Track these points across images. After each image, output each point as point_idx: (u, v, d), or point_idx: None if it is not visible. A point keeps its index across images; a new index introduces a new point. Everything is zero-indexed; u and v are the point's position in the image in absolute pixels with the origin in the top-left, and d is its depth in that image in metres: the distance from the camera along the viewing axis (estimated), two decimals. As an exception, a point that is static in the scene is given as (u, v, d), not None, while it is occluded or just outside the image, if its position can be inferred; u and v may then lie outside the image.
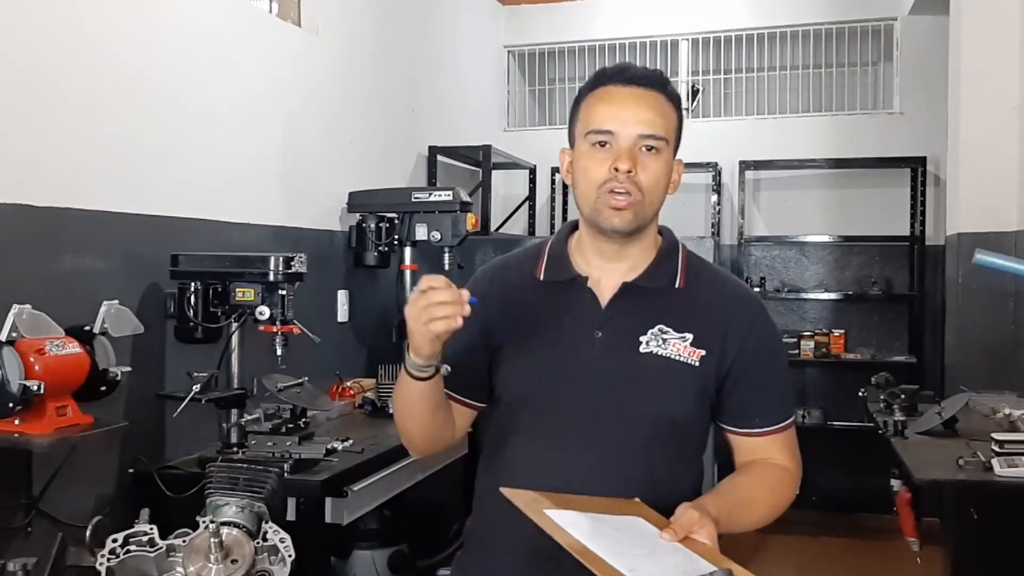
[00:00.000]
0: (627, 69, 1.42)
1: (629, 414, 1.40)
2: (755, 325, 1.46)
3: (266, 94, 3.54)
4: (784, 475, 1.50)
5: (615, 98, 1.40)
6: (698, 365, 1.41)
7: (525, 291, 1.48)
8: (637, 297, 1.43)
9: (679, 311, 1.43)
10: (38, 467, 2.39)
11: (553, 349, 1.43)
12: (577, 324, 1.43)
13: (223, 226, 3.21)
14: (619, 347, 1.41)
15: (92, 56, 2.65)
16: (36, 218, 2.45)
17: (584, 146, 1.40)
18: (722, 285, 1.50)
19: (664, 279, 1.46)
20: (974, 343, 3.98)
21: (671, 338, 1.41)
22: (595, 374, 1.40)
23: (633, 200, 1.37)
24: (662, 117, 1.40)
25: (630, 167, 1.36)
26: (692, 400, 1.42)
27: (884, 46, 5.40)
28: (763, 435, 1.48)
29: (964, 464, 2.54)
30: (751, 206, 5.43)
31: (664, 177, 1.41)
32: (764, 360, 1.46)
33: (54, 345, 2.23)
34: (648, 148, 1.38)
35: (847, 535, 4.94)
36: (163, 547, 1.70)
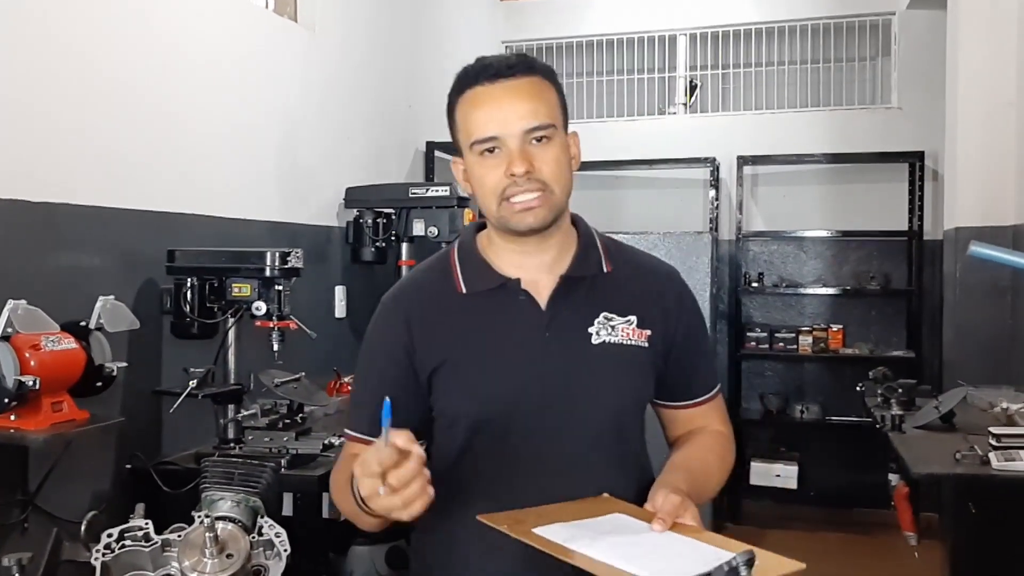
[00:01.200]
0: (489, 65, 1.34)
1: (597, 408, 1.37)
2: (683, 297, 1.47)
3: (263, 90, 3.53)
4: (724, 439, 1.51)
5: (488, 99, 1.32)
6: (647, 346, 1.40)
7: (450, 310, 1.39)
8: (574, 289, 1.39)
9: (616, 295, 1.40)
10: (34, 463, 2.38)
11: (501, 363, 1.35)
12: (520, 331, 1.36)
13: (219, 221, 3.21)
14: (570, 344, 1.36)
15: (88, 51, 2.64)
16: (31, 213, 2.44)
17: (473, 156, 1.34)
18: (643, 263, 1.49)
19: (593, 266, 1.42)
20: (972, 338, 3.98)
21: (618, 323, 1.38)
22: (553, 377, 1.34)
23: (541, 196, 1.32)
24: (543, 103, 1.33)
25: (526, 168, 1.30)
26: (649, 381, 1.42)
27: (882, 41, 5.39)
28: (702, 404, 1.49)
29: (961, 458, 2.53)
30: (749, 201, 5.42)
31: (564, 162, 1.35)
32: (695, 330, 1.48)
33: (49, 340, 2.23)
34: (538, 140, 1.32)
35: (845, 530, 4.94)
36: (158, 542, 1.70)
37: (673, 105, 5.72)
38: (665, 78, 5.74)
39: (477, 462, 1.37)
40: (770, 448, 5.33)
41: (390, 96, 4.52)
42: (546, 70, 1.38)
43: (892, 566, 4.28)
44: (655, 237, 4.08)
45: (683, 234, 4.13)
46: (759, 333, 5.24)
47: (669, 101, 5.74)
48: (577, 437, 1.36)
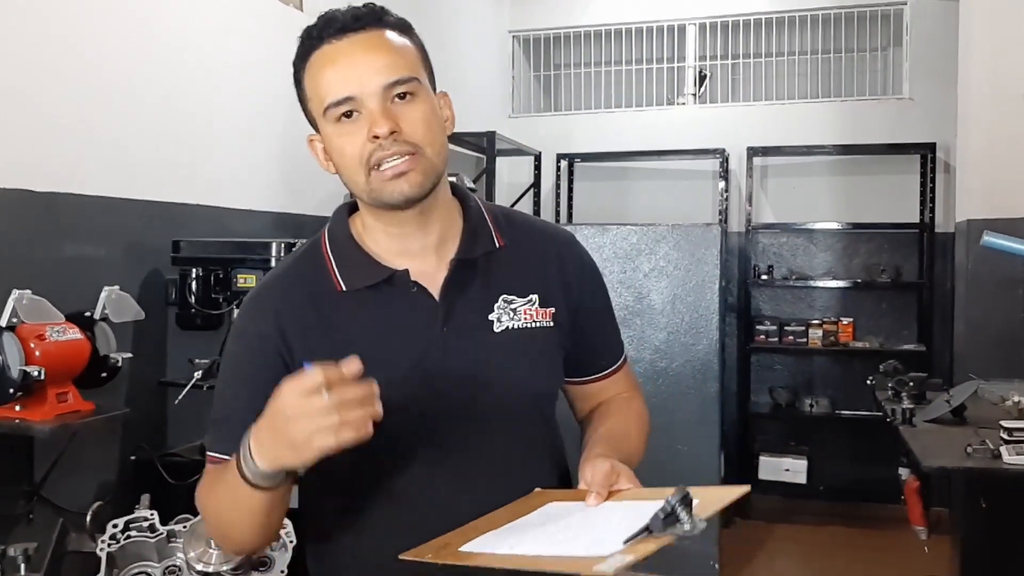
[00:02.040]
0: (333, 19, 1.18)
1: (507, 400, 1.22)
2: (583, 264, 1.34)
3: (267, 79, 3.51)
4: (635, 402, 1.39)
5: (337, 56, 1.16)
6: (553, 324, 1.26)
7: (330, 311, 1.19)
8: (467, 273, 1.22)
9: (513, 273, 1.25)
10: (39, 454, 2.38)
11: (396, 364, 1.16)
12: (414, 326, 1.19)
13: (224, 212, 3.20)
14: (471, 335, 1.21)
15: (92, 42, 2.63)
16: (36, 203, 2.43)
17: (329, 126, 1.17)
18: (537, 231, 1.33)
19: (485, 243, 1.25)
20: (984, 331, 3.94)
21: (519, 305, 1.24)
22: (456, 374, 1.19)
23: (413, 159, 1.13)
24: (401, 56, 1.16)
25: (391, 127, 1.12)
26: (556, 363, 1.29)
27: (894, 31, 5.35)
28: (612, 374, 1.38)
29: (972, 452, 2.51)
30: (759, 193, 5.39)
31: (435, 120, 1.17)
32: (599, 299, 1.36)
33: (55, 331, 2.22)
34: (401, 96, 1.14)
35: (854, 525, 4.92)
36: (164, 533, 1.69)
37: (682, 95, 5.68)
38: (674, 68, 5.70)
39: (381, 480, 1.18)
40: (779, 442, 5.30)
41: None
42: (401, 23, 1.21)
43: (902, 560, 4.26)
44: (663, 229, 4.05)
45: (692, 226, 4.09)
46: (768, 326, 5.21)
47: (678, 91, 5.70)
48: (493, 435, 1.21)
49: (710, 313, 3.98)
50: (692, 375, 3.97)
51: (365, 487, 1.19)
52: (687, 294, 4.00)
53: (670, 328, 3.99)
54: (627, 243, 4.03)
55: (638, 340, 4.04)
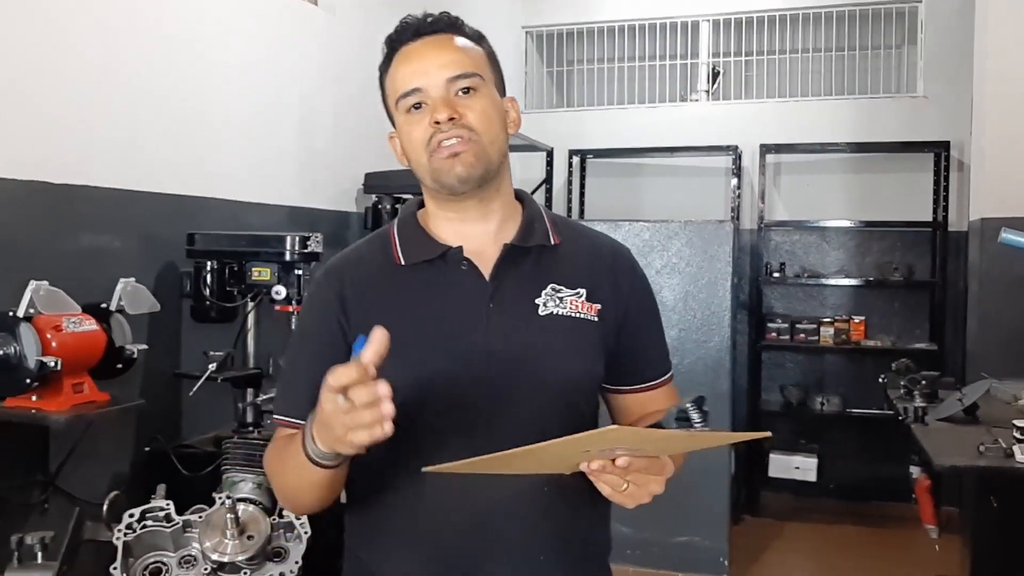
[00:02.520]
0: (410, 24, 1.30)
1: (542, 381, 1.27)
2: (636, 274, 1.39)
3: (283, 73, 3.53)
4: None
5: (411, 56, 1.28)
6: (597, 320, 1.31)
7: (387, 282, 1.30)
8: (519, 259, 1.30)
9: (564, 267, 1.32)
10: (55, 444, 2.40)
11: (442, 335, 1.26)
12: (463, 301, 1.27)
13: (239, 205, 3.21)
14: (516, 314, 1.27)
15: (109, 34, 2.65)
16: (53, 195, 2.45)
17: (401, 116, 1.28)
18: (594, 237, 1.41)
19: (539, 236, 1.33)
20: (996, 330, 3.93)
21: (566, 295, 1.30)
22: (497, 349, 1.25)
23: (465, 141, 1.23)
24: (466, 55, 1.28)
25: (450, 114, 1.23)
26: (599, 356, 1.33)
27: (908, 28, 5.32)
28: (653, 388, 1.40)
29: (984, 451, 2.50)
30: (771, 190, 5.37)
31: (494, 114, 1.27)
32: (647, 310, 1.40)
33: (71, 322, 2.24)
34: (464, 91, 1.25)
35: (865, 523, 4.90)
36: (179, 523, 1.71)
37: (695, 92, 5.67)
38: (687, 64, 5.69)
39: (419, 440, 1.23)
40: (790, 440, 5.29)
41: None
42: (475, 32, 1.34)
43: (912, 560, 4.25)
44: (676, 225, 4.05)
45: (704, 223, 4.09)
46: (780, 324, 5.20)
47: (691, 88, 5.69)
48: (524, 412, 1.25)
49: (722, 310, 3.98)
50: (703, 372, 3.97)
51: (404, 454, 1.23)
52: (699, 291, 4.00)
53: (682, 325, 4.00)
54: (639, 239, 4.03)
55: (649, 336, 4.04)
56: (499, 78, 1.34)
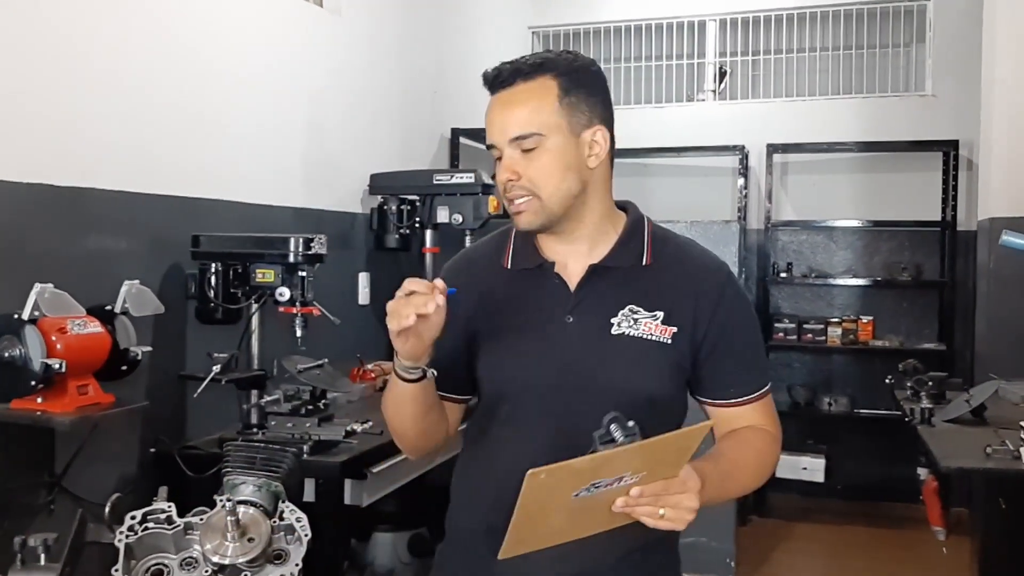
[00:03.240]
0: (490, 76, 1.42)
1: (597, 394, 1.36)
2: (724, 295, 1.45)
3: (288, 75, 3.53)
4: (767, 436, 1.47)
5: (490, 111, 1.41)
6: (670, 342, 1.40)
7: (495, 281, 1.48)
8: (605, 278, 1.43)
9: (648, 289, 1.43)
10: (60, 446, 2.41)
11: (526, 336, 1.43)
12: (548, 310, 1.43)
13: (244, 207, 3.22)
14: (591, 330, 1.41)
15: (114, 36, 2.65)
16: (58, 198, 2.46)
17: None
18: (689, 258, 1.49)
19: (631, 257, 1.45)
20: (1005, 330, 3.91)
21: (642, 318, 1.41)
22: (568, 359, 1.40)
23: (527, 201, 1.39)
24: (531, 111, 1.37)
25: (509, 176, 1.38)
26: (667, 377, 1.42)
27: (917, 27, 5.30)
28: (740, 404, 1.46)
29: (992, 452, 2.49)
30: (779, 190, 5.36)
31: (557, 166, 1.38)
32: (734, 329, 1.45)
33: (76, 324, 2.25)
34: (526, 150, 1.38)
35: (872, 524, 4.89)
36: (181, 525, 1.70)
37: (702, 92, 5.65)
38: (694, 64, 5.68)
39: (499, 427, 1.45)
40: (797, 440, 5.27)
41: (415, 82, 4.51)
42: (555, 67, 1.39)
43: (920, 561, 4.23)
44: (682, 226, 4.04)
45: (711, 223, 4.09)
46: (787, 324, 5.19)
47: (698, 88, 5.68)
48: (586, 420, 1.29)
49: (728, 311, 3.97)
50: (710, 373, 3.96)
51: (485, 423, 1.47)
52: (705, 291, 3.99)
53: (688, 325, 3.99)
54: (645, 240, 4.02)
55: (655, 337, 4.03)
56: (581, 114, 1.40)
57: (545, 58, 1.41)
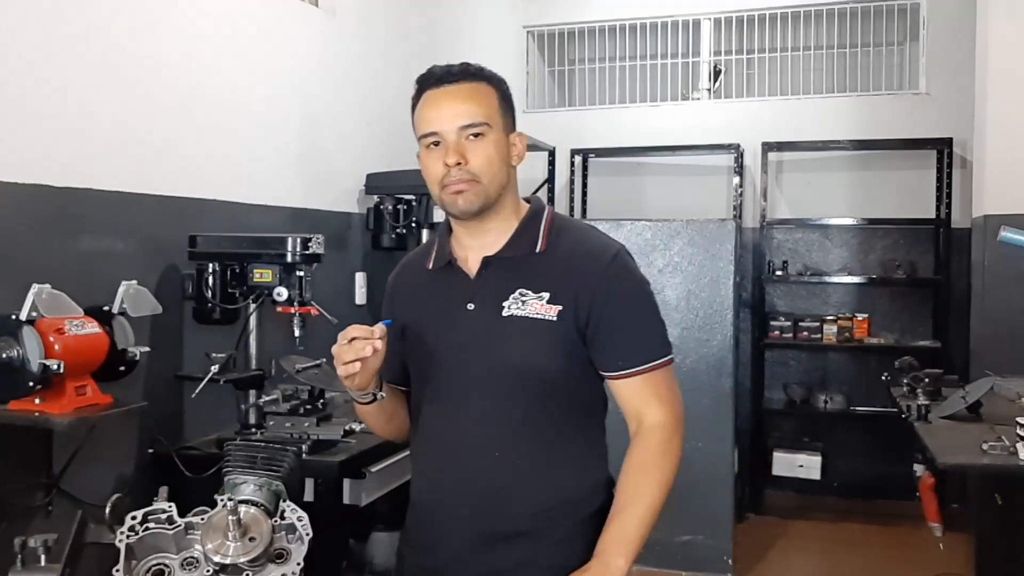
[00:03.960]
0: (436, 72, 1.59)
1: (495, 370, 1.57)
2: (607, 272, 1.58)
3: (284, 75, 3.53)
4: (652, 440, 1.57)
5: (433, 101, 1.57)
6: (556, 319, 1.55)
7: (419, 281, 1.70)
8: (500, 267, 1.60)
9: (537, 274, 1.59)
10: (58, 446, 2.41)
11: (438, 325, 1.62)
12: (454, 300, 1.61)
13: (241, 207, 3.21)
14: (486, 314, 1.58)
15: (109, 38, 2.65)
16: (55, 199, 2.46)
17: (422, 148, 1.59)
18: (582, 243, 1.63)
19: (525, 247, 1.61)
20: (1000, 327, 3.92)
21: (530, 299, 1.57)
22: (468, 341, 1.58)
23: (468, 183, 1.53)
24: (478, 104, 1.55)
25: (457, 159, 1.53)
26: (553, 352, 1.57)
27: (910, 25, 5.31)
28: (631, 375, 1.58)
29: (988, 449, 2.50)
30: (774, 188, 5.37)
31: (496, 156, 1.56)
32: (618, 304, 1.58)
33: (73, 325, 2.24)
34: (474, 136, 1.54)
35: (869, 521, 4.90)
36: (181, 525, 1.70)
37: (697, 90, 5.66)
38: (689, 63, 5.68)
39: (425, 405, 1.65)
40: (793, 438, 5.29)
41: (411, 81, 4.50)
42: (493, 77, 1.61)
43: (917, 557, 4.24)
44: (678, 224, 4.05)
45: (706, 221, 4.09)
46: (783, 322, 5.19)
47: (693, 86, 5.68)
48: (487, 391, 1.58)
49: (724, 309, 3.98)
50: (706, 371, 3.97)
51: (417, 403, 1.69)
52: (701, 290, 4.00)
53: (684, 324, 3.99)
54: (641, 238, 4.03)
55: (652, 335, 4.03)
56: (509, 118, 1.61)
57: (480, 68, 1.61)
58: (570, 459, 1.61)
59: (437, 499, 1.64)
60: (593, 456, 1.64)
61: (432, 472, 1.65)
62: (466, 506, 1.59)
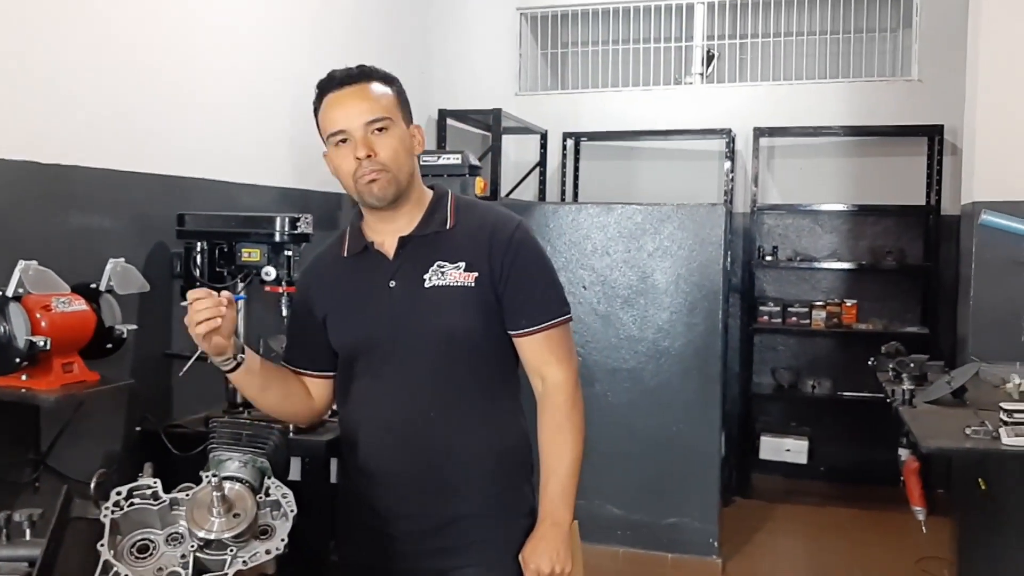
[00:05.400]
0: (335, 76, 1.73)
1: (425, 337, 1.71)
2: (512, 239, 1.74)
3: (274, 54, 3.51)
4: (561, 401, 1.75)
5: (337, 102, 1.70)
6: (474, 285, 1.71)
7: (335, 268, 1.82)
8: (416, 246, 1.74)
9: (451, 247, 1.74)
10: (45, 423, 2.41)
11: (363, 304, 1.75)
12: (375, 280, 1.74)
13: (230, 186, 3.21)
14: (409, 287, 1.72)
15: (100, 15, 2.63)
16: (43, 175, 2.45)
17: (331, 147, 1.72)
18: (488, 217, 1.78)
19: (436, 224, 1.76)
20: (988, 314, 3.94)
21: (448, 269, 1.72)
22: (393, 314, 1.72)
23: (380, 173, 1.67)
24: (378, 102, 1.70)
25: (367, 152, 1.66)
26: (475, 314, 1.72)
27: (903, 12, 5.31)
28: (533, 333, 1.75)
29: (972, 433, 2.52)
30: (765, 174, 5.38)
31: (401, 147, 1.70)
32: (522, 268, 1.74)
33: (60, 302, 2.24)
34: (378, 130, 1.68)
35: (855, 505, 4.94)
36: (166, 500, 1.71)
37: (689, 75, 5.65)
38: (682, 47, 5.68)
39: (357, 380, 1.78)
40: (781, 422, 5.32)
41: (403, 62, 4.48)
42: (386, 76, 1.74)
43: (901, 541, 4.28)
44: (668, 208, 4.05)
45: (697, 206, 4.08)
46: (772, 307, 5.22)
47: (685, 71, 5.67)
48: (419, 361, 1.72)
49: (713, 293, 3.99)
50: (695, 355, 3.98)
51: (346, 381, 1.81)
52: (691, 274, 4.01)
53: (673, 308, 4.00)
54: (632, 222, 4.03)
55: (641, 319, 4.04)
56: (407, 112, 1.76)
57: (375, 68, 1.74)
58: (499, 412, 1.78)
59: (378, 465, 1.76)
60: (516, 408, 1.81)
61: (372, 440, 1.76)
62: (409, 464, 1.73)
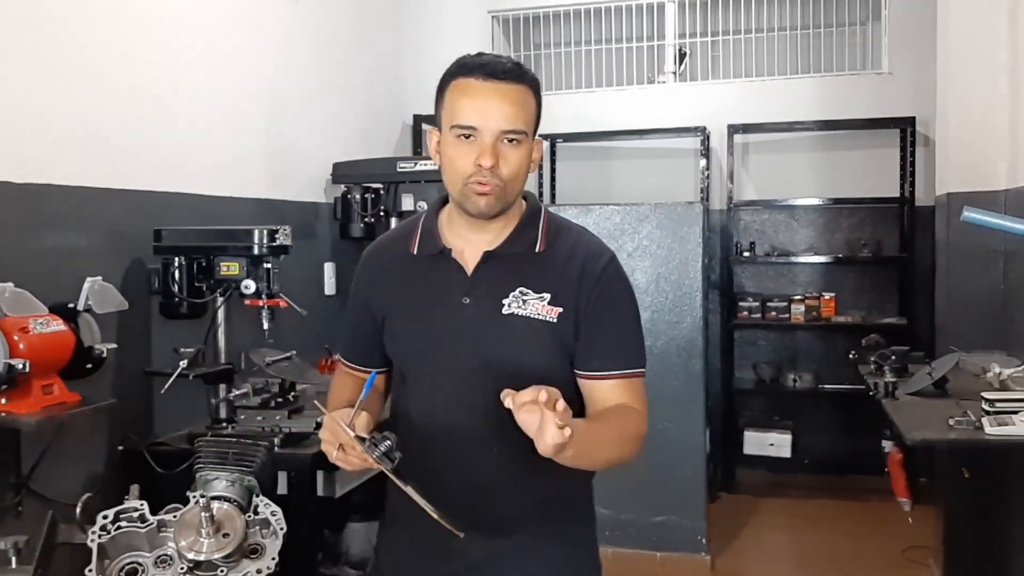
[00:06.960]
0: (488, 64, 1.49)
1: (491, 366, 1.52)
2: (603, 276, 1.57)
3: (246, 64, 3.49)
4: (631, 414, 1.55)
5: (478, 93, 1.47)
6: (556, 321, 1.54)
7: (400, 266, 1.63)
8: (499, 264, 1.57)
9: (538, 273, 1.56)
10: (26, 446, 2.38)
11: (427, 315, 1.58)
12: (447, 292, 1.57)
13: (206, 200, 3.18)
14: (484, 310, 1.55)
15: (71, 31, 2.60)
16: (16, 195, 2.41)
17: (450, 136, 1.49)
18: (579, 245, 1.60)
19: (525, 244, 1.58)
20: (964, 303, 3.98)
21: (531, 299, 1.54)
22: (464, 335, 1.54)
23: (496, 187, 1.48)
24: (523, 110, 1.49)
25: (492, 163, 1.46)
26: (552, 353, 1.55)
27: (872, 5, 5.35)
28: (603, 379, 1.56)
29: (954, 424, 2.54)
30: (740, 170, 5.40)
31: (524, 165, 1.51)
32: (607, 307, 1.57)
33: (38, 323, 2.21)
34: (510, 140, 1.48)
35: (839, 497, 4.97)
36: (154, 523, 1.69)
37: (662, 74, 5.67)
38: (654, 46, 5.69)
39: (410, 394, 1.62)
40: (763, 417, 5.35)
41: (376, 69, 4.47)
42: (533, 81, 1.53)
43: (887, 531, 4.32)
44: (646, 208, 4.06)
45: (674, 205, 4.10)
46: (751, 302, 5.24)
47: (658, 70, 5.69)
48: (480, 392, 1.51)
49: (693, 291, 4.00)
50: (676, 352, 3.99)
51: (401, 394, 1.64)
52: (670, 272, 4.02)
53: (654, 307, 4.01)
54: (610, 223, 4.03)
55: (623, 319, 4.05)
56: (538, 124, 1.56)
57: (527, 69, 1.53)
58: None
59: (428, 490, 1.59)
60: None
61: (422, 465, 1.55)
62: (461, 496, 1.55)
